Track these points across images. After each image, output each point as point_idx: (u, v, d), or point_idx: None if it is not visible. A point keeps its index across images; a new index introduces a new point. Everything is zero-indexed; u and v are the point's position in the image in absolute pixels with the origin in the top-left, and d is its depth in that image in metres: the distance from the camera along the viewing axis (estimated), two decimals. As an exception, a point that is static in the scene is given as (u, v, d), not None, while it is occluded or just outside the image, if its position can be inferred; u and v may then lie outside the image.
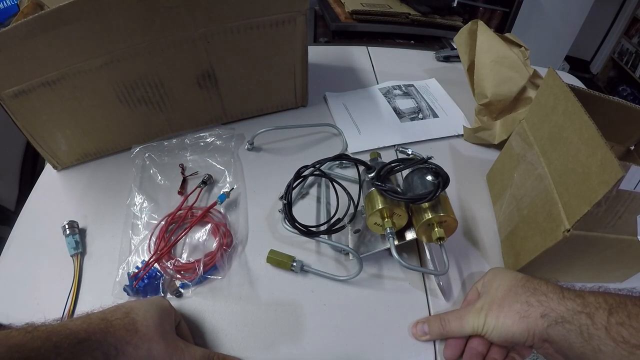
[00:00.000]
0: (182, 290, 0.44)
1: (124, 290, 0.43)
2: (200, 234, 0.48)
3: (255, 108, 0.65)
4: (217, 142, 0.59)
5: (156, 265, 0.44)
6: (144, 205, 0.51)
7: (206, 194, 0.54)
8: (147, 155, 0.56)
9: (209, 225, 0.49)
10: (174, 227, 0.49)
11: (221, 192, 0.51)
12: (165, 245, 0.46)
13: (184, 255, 0.47)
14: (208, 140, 0.59)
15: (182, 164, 0.57)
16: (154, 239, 0.47)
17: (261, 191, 0.55)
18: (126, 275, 0.44)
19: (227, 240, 0.48)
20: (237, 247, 0.48)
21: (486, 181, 0.59)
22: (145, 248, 0.47)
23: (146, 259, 0.45)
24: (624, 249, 0.40)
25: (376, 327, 0.42)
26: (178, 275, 0.45)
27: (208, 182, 0.54)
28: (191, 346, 0.37)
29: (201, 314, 0.43)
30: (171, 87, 0.55)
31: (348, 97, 0.72)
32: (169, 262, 0.45)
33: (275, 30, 0.54)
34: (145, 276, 0.43)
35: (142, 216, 0.50)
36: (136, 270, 0.44)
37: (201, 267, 0.44)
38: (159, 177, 0.55)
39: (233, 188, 0.53)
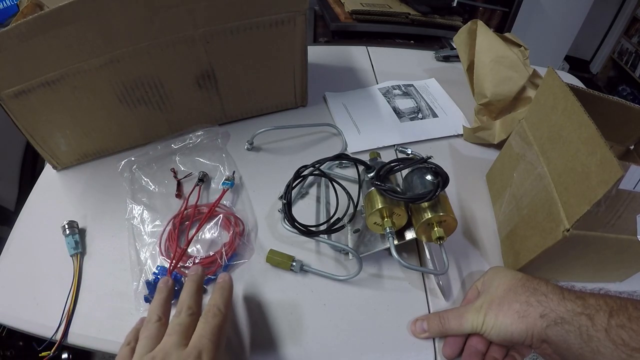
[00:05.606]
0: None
1: (145, 300, 0.42)
2: (211, 228, 0.48)
3: (255, 108, 0.65)
4: (204, 141, 0.59)
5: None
6: (144, 215, 0.50)
7: (205, 192, 0.54)
8: (134, 167, 0.55)
9: (220, 217, 0.48)
10: (184, 227, 0.49)
11: (223, 181, 0.52)
12: (179, 245, 0.46)
13: (200, 255, 0.47)
14: (194, 140, 0.59)
15: (174, 168, 0.56)
16: (163, 244, 0.47)
17: (261, 191, 0.55)
18: (145, 285, 0.43)
19: (239, 229, 0.49)
20: (249, 234, 0.49)
21: (486, 181, 0.59)
22: (157, 253, 0.46)
23: (160, 265, 0.44)
24: (623, 249, 0.40)
25: (376, 327, 0.42)
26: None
27: (204, 179, 0.54)
28: None
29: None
30: (171, 87, 0.55)
31: (348, 97, 0.72)
32: (187, 263, 0.45)
33: (275, 30, 0.54)
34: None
35: (145, 226, 0.49)
36: (154, 277, 0.43)
37: (224, 256, 0.45)
38: (152, 186, 0.54)
39: (233, 172, 0.54)
